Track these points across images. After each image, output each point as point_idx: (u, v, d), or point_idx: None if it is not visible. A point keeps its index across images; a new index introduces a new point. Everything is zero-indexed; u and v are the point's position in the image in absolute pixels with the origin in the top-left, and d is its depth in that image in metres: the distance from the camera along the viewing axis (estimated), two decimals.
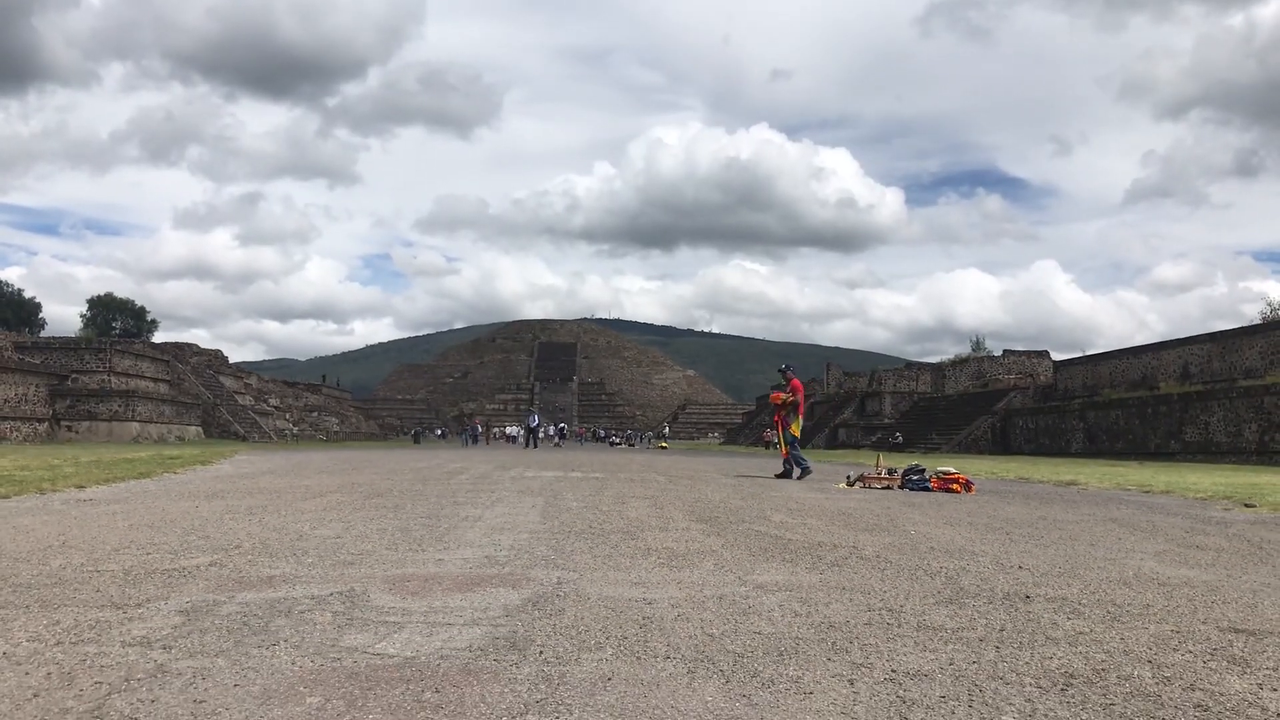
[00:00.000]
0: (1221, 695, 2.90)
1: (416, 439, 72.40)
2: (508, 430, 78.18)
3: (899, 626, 3.84)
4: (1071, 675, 3.10)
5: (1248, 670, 3.21)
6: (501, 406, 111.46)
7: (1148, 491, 14.69)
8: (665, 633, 3.67)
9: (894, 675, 3.08)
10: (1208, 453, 36.00)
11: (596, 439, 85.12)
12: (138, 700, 2.75)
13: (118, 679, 2.97)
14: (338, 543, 6.31)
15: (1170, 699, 2.85)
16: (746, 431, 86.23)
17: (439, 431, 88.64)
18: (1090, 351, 54.57)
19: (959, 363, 73.97)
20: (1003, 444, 51.29)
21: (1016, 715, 2.67)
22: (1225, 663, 3.31)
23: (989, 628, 3.84)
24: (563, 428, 69.78)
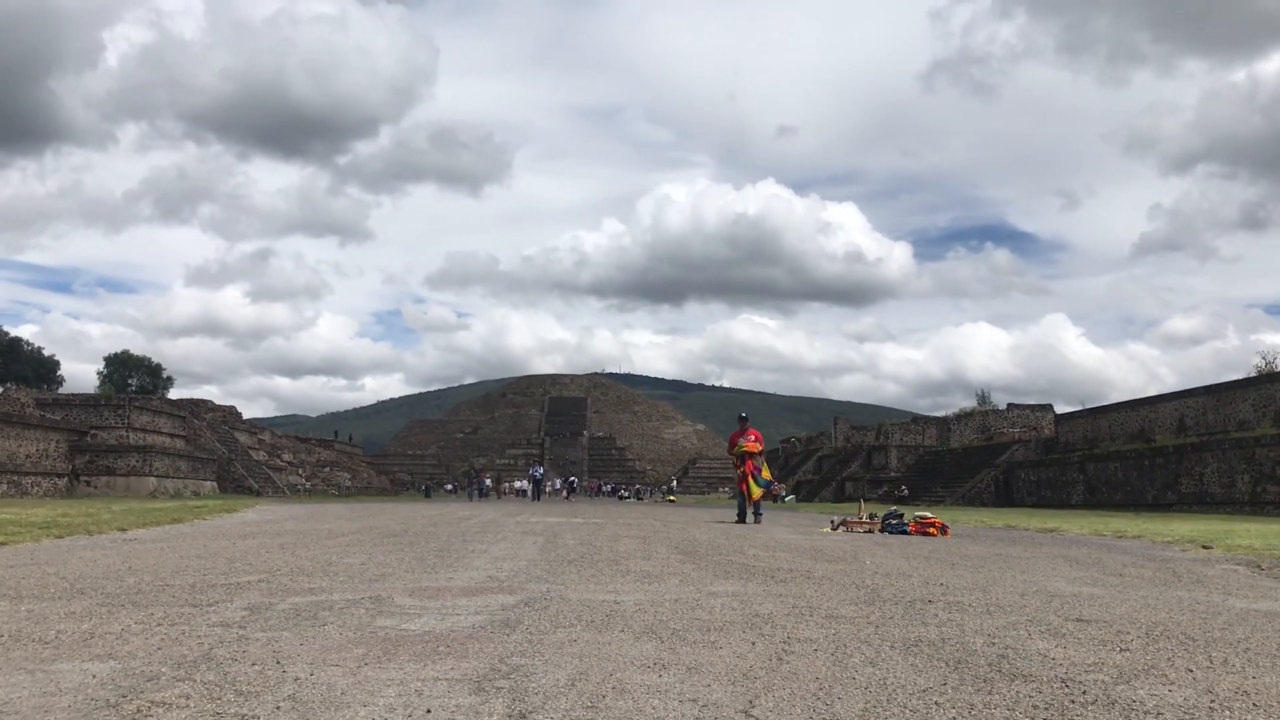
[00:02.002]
0: (1022, 650, 3.94)
1: (427, 493, 73.33)
2: (517, 484, 78.87)
3: (811, 616, 4.89)
4: (920, 641, 4.15)
5: (1057, 638, 4.25)
6: (512, 461, 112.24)
7: (1121, 537, 15.54)
8: (625, 619, 4.72)
9: (787, 640, 4.13)
10: (1203, 503, 36.68)
11: (602, 493, 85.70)
12: (233, 650, 3.82)
13: (213, 641, 4.04)
14: (362, 567, 7.37)
15: (983, 651, 3.90)
16: None
17: (449, 486, 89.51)
18: (1092, 405, 55.16)
19: (964, 416, 74.68)
20: (1005, 496, 51.92)
21: (861, 659, 3.72)
22: (1046, 636, 4.34)
23: (881, 617, 4.88)
24: (572, 481, 70.36)
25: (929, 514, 15.59)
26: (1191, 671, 3.53)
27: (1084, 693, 3.15)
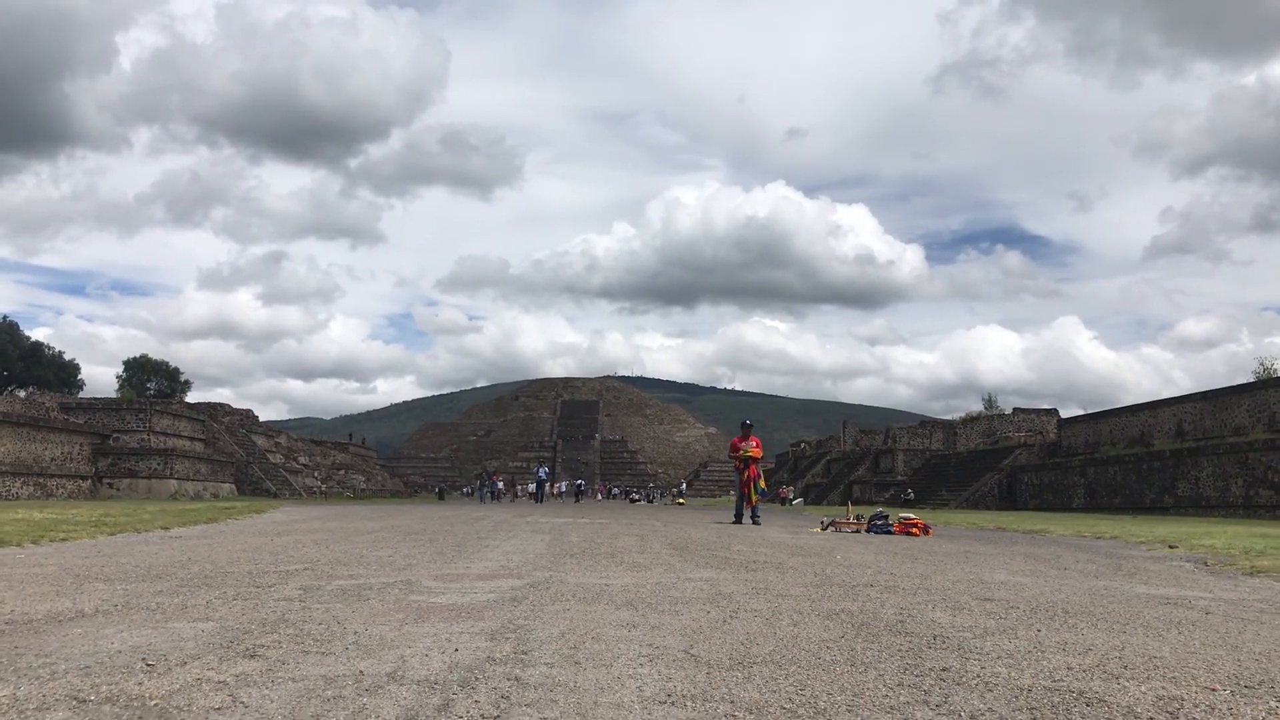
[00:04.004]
0: (919, 618, 4.99)
1: (441, 496, 74.59)
2: (530, 487, 79.91)
3: (764, 595, 5.95)
4: (842, 611, 5.21)
5: (955, 611, 5.30)
6: (524, 464, 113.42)
7: (1098, 537, 16.46)
8: (610, 597, 5.80)
9: (738, 609, 5.19)
10: (1198, 507, 37.51)
11: (611, 496, 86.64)
12: (300, 615, 4.91)
13: (284, 609, 5.13)
14: (391, 559, 8.47)
15: (887, 619, 4.95)
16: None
17: (467, 489, 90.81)
18: (1104, 409, 55.98)
19: (970, 420, 75.50)
20: (1009, 500, 52.80)
21: (788, 622, 4.78)
22: (947, 610, 5.39)
23: (821, 595, 5.94)
24: (580, 484, 71.26)
25: (912, 515, 16.60)
26: (1038, 631, 4.58)
27: (943, 643, 4.21)
